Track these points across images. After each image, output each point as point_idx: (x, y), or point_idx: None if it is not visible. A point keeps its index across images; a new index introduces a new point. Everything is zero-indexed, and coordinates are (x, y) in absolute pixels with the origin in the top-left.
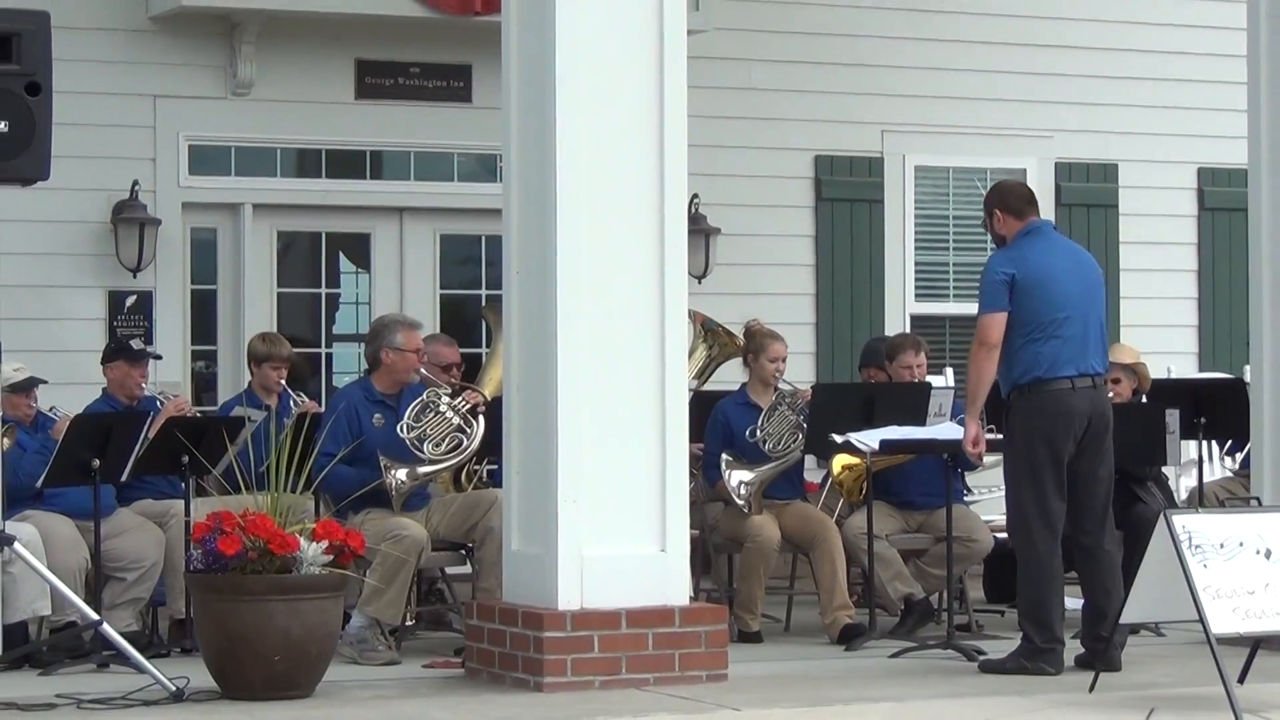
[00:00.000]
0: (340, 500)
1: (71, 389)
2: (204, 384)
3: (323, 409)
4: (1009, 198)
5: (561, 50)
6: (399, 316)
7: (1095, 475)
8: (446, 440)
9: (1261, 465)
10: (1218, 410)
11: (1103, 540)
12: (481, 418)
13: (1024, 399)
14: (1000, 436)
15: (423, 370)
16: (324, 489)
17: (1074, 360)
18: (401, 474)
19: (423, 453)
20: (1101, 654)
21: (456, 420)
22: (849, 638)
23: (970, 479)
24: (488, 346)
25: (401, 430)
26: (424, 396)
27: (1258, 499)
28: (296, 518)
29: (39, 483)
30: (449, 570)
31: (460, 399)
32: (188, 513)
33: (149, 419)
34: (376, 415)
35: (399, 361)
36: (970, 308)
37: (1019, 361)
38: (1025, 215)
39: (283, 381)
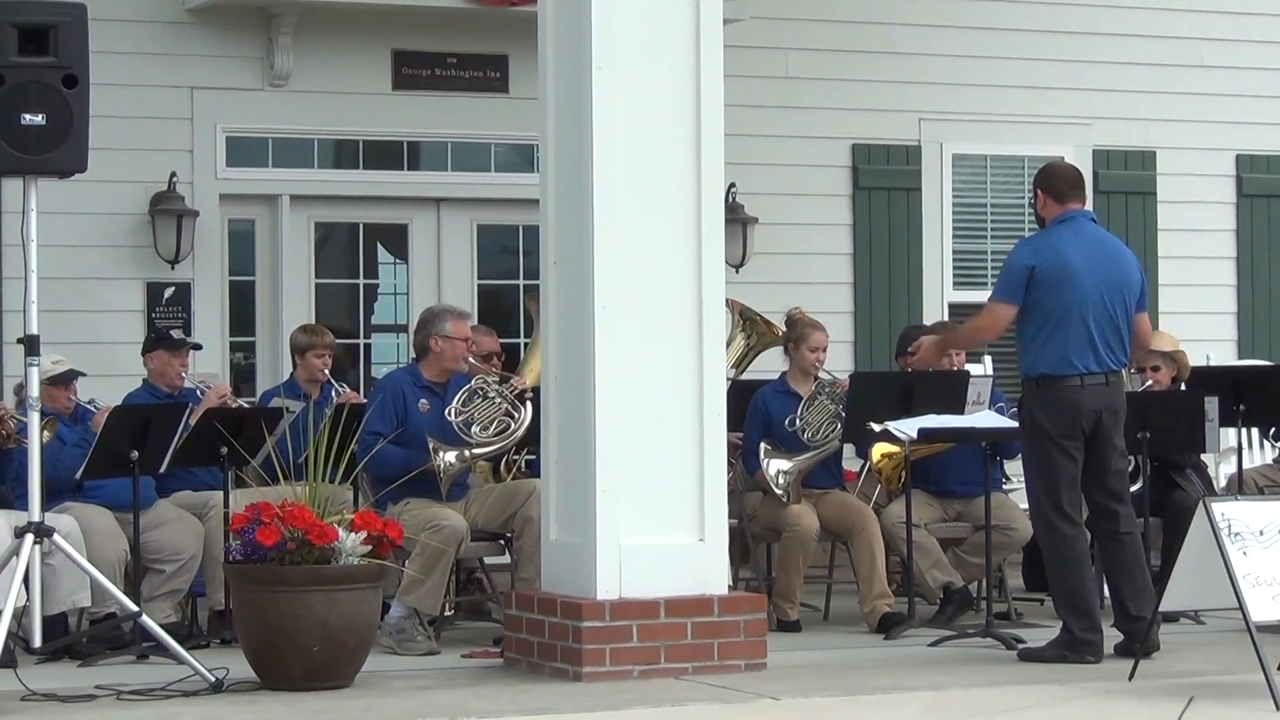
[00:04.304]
0: (384, 481)
1: (110, 381)
2: (242, 375)
3: (363, 400)
4: (1053, 180)
5: (598, 40)
6: (448, 306)
7: (1108, 463)
8: (494, 424)
9: None
10: (1257, 397)
11: (1120, 525)
12: (530, 403)
13: (1035, 392)
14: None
15: (470, 359)
16: (369, 469)
17: (1085, 357)
18: (450, 456)
19: (470, 436)
20: (1139, 635)
21: (504, 405)
22: (888, 626)
23: (1009, 467)
24: (526, 337)
25: (450, 414)
26: (472, 383)
27: None
28: (335, 508)
29: (78, 474)
30: (488, 560)
31: (508, 386)
32: (226, 504)
33: (188, 410)
34: (422, 401)
35: (448, 350)
36: None
37: (1032, 352)
38: (1066, 200)
39: (327, 370)
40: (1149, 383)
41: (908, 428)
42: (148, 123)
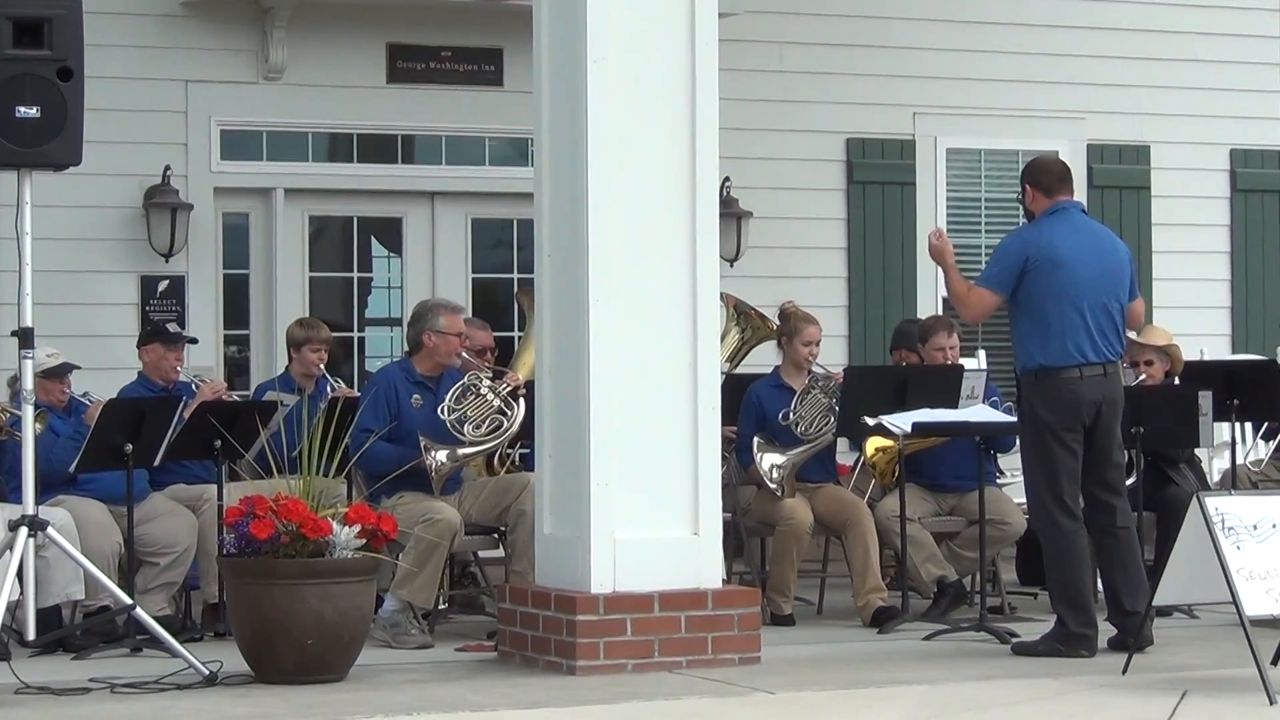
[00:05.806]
0: (376, 477)
1: (104, 374)
2: (236, 368)
3: (357, 394)
4: (1040, 174)
5: (593, 33)
6: (442, 300)
7: (1107, 456)
8: (487, 422)
9: None
10: (1251, 392)
11: (1117, 520)
12: (522, 400)
13: (1033, 386)
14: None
15: (464, 354)
16: (361, 465)
17: (1082, 348)
18: (442, 455)
19: (463, 435)
20: (1133, 630)
21: (497, 403)
22: (882, 620)
23: (1002, 461)
24: (520, 330)
25: (442, 412)
26: (465, 380)
27: None
28: (329, 502)
29: (72, 467)
30: (482, 554)
31: (501, 382)
32: (220, 497)
33: (182, 403)
34: (415, 396)
35: (441, 344)
36: None
37: (1027, 344)
38: (1055, 193)
39: (322, 365)
40: (1142, 377)
41: (902, 422)
42: (142, 116)
